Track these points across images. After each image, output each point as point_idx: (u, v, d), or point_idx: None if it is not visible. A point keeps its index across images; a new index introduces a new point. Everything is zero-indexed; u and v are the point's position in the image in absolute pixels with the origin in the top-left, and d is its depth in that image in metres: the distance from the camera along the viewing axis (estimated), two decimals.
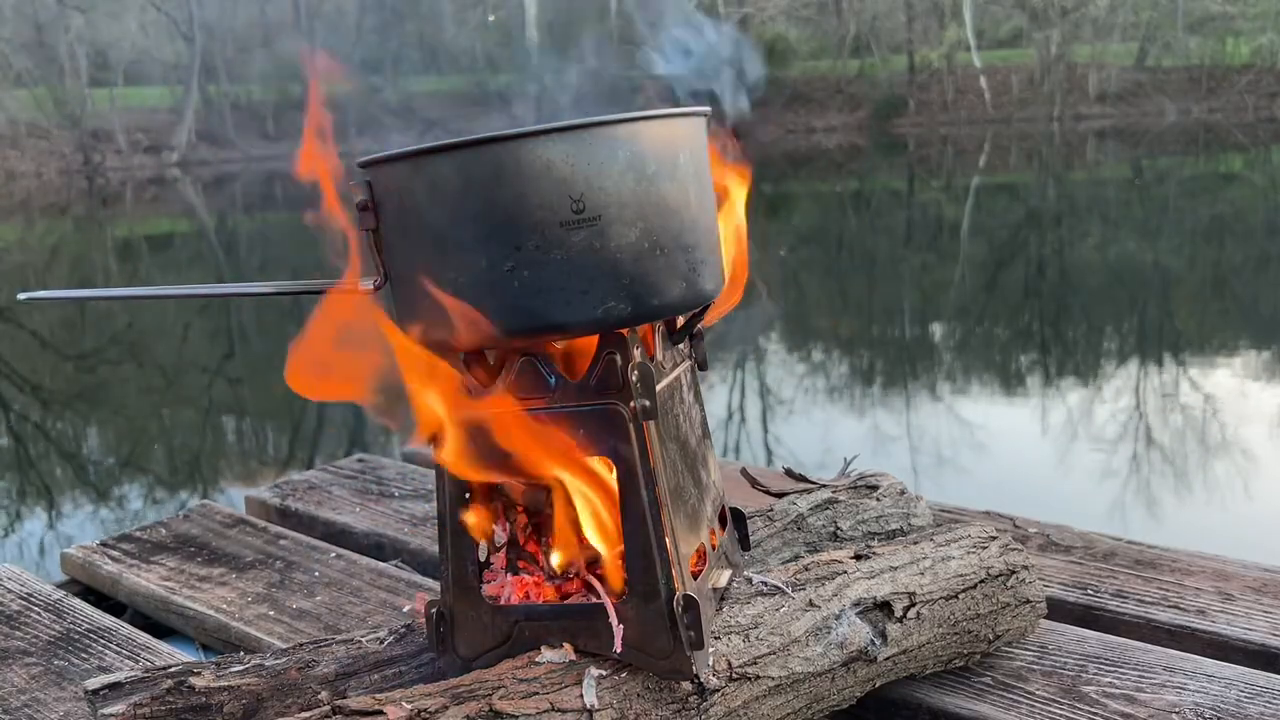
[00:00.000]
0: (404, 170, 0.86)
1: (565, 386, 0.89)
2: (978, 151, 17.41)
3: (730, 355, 4.87)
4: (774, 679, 0.94)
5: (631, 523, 0.89)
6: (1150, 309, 5.83)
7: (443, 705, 0.84)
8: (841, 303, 6.56)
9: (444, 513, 0.95)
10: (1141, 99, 22.17)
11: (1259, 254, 7.42)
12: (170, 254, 10.37)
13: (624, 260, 0.84)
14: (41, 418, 4.76)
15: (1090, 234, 8.43)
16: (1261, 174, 12.81)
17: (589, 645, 0.91)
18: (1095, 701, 1.07)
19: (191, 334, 6.44)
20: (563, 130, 0.82)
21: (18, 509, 3.47)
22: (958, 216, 10.17)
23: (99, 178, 18.71)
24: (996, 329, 5.62)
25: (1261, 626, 1.23)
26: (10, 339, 6.46)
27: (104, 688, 0.96)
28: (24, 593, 1.47)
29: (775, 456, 3.71)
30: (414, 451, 2.10)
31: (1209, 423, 3.64)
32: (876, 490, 1.28)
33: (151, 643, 1.32)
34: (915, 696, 1.10)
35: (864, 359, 5.19)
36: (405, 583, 1.45)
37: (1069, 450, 3.35)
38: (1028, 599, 1.12)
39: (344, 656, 0.99)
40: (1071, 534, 1.51)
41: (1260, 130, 17.74)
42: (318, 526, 1.73)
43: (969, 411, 3.90)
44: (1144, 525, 2.72)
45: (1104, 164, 15.01)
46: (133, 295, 1.15)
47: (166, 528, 1.71)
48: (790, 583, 1.00)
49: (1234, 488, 3.00)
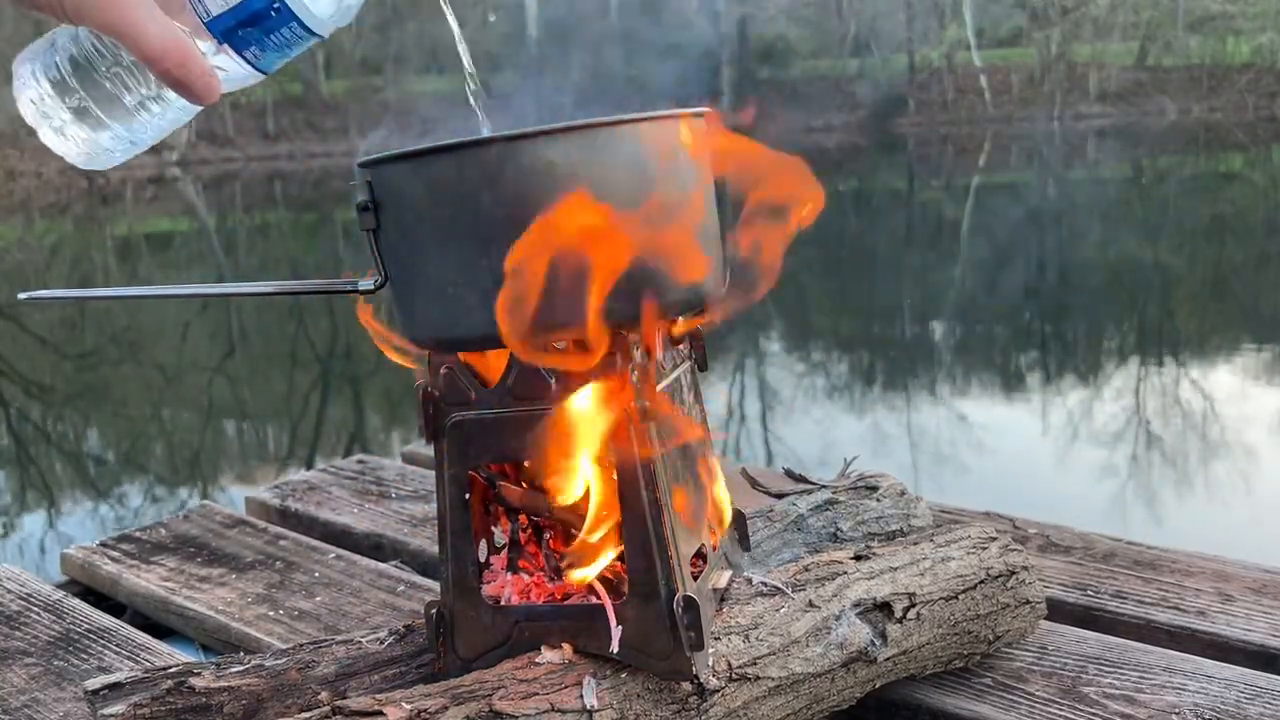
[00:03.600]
0: (404, 170, 0.86)
1: (566, 387, 0.89)
2: (978, 151, 17.41)
3: (730, 355, 4.87)
4: (774, 679, 0.94)
5: (631, 523, 0.89)
6: (1150, 308, 5.83)
7: (443, 705, 0.84)
8: (841, 302, 6.56)
9: (444, 513, 0.95)
10: (1142, 98, 22.17)
11: (1259, 253, 7.43)
12: (170, 254, 10.37)
13: (624, 261, 0.84)
14: (41, 417, 4.76)
15: (1090, 233, 8.44)
16: (1262, 173, 12.82)
17: (589, 645, 0.91)
18: (1095, 702, 1.07)
19: (191, 334, 6.45)
20: (564, 131, 0.82)
21: (18, 509, 3.48)
22: (958, 216, 10.17)
23: (99, 177, 18.71)
24: (996, 328, 5.62)
25: (1261, 627, 1.23)
26: (10, 338, 6.46)
27: (104, 688, 0.96)
28: (24, 593, 1.47)
29: (775, 456, 3.71)
30: (414, 452, 2.10)
31: (1209, 423, 3.64)
32: (876, 491, 1.28)
33: (151, 643, 1.32)
34: (915, 697, 1.10)
35: (864, 358, 5.19)
36: (405, 583, 1.45)
37: (1069, 450, 3.36)
38: (1027, 600, 1.12)
39: (344, 657, 0.99)
40: (1071, 535, 1.51)
41: (1260, 129, 17.75)
42: (317, 527, 1.73)
43: (969, 411, 3.90)
44: (1144, 526, 2.72)
45: (1104, 163, 15.01)
46: (133, 295, 1.15)
47: (166, 528, 1.71)
48: (790, 583, 1.00)
49: (1234, 488, 3.00)
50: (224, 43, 0.67)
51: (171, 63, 0.62)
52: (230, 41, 0.67)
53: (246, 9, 0.66)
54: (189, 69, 0.62)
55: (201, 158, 20.51)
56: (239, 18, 0.66)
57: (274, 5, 0.66)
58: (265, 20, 0.67)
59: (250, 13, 0.66)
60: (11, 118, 19.47)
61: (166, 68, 0.62)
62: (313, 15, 0.68)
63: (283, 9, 0.66)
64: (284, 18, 0.67)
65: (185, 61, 0.62)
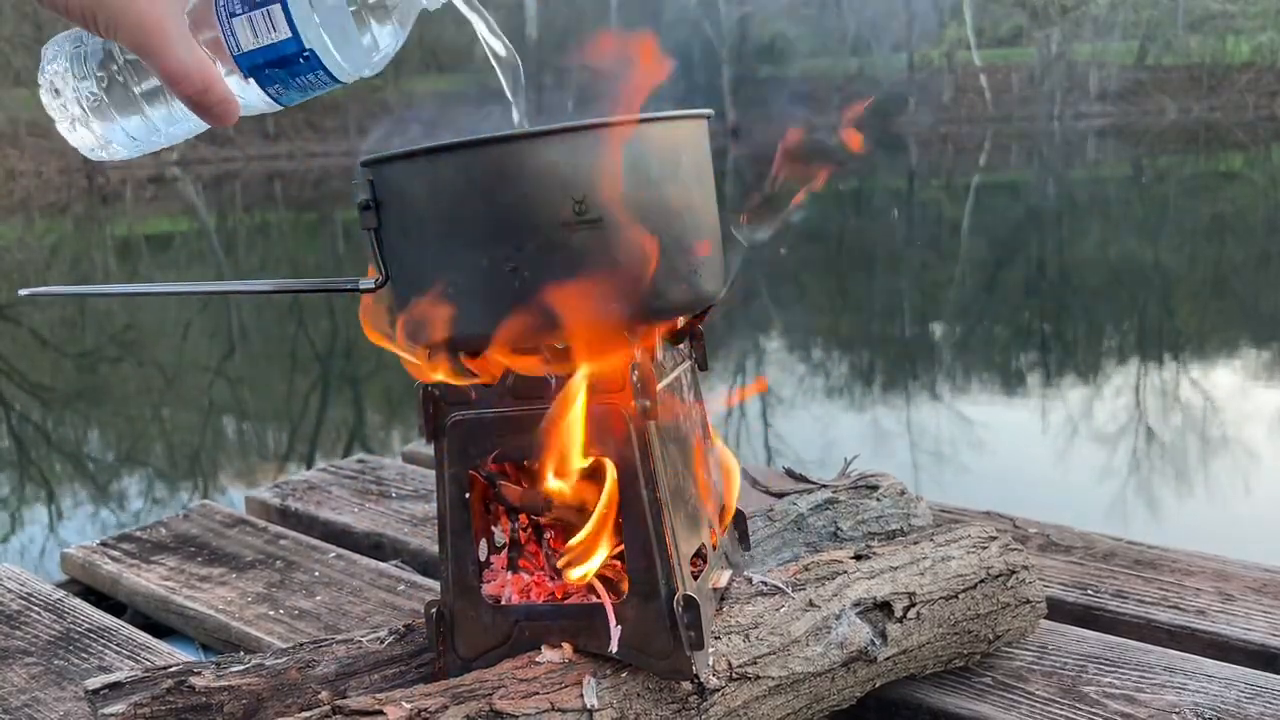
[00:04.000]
0: (406, 169, 0.86)
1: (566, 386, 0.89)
2: (978, 150, 17.41)
3: (731, 354, 4.87)
4: (774, 679, 0.94)
5: (631, 523, 0.89)
6: (1150, 308, 5.83)
7: (443, 705, 0.84)
8: (841, 301, 6.56)
9: (444, 513, 0.95)
10: (1142, 97, 22.18)
11: (1259, 252, 7.43)
12: (170, 253, 10.37)
13: (625, 262, 0.84)
14: (41, 417, 4.76)
15: (1090, 232, 8.44)
16: (1262, 172, 12.82)
17: (589, 645, 0.91)
18: (1095, 702, 1.07)
19: (191, 333, 6.45)
20: (566, 131, 0.82)
21: (18, 509, 3.48)
22: (958, 215, 10.17)
23: (99, 176, 18.71)
24: (996, 328, 5.62)
25: (1261, 626, 1.23)
26: (10, 338, 6.46)
27: (104, 687, 0.96)
28: (24, 592, 1.47)
29: (775, 455, 3.71)
30: (414, 451, 2.10)
31: (1209, 422, 3.64)
32: (877, 490, 1.28)
33: (151, 643, 1.32)
34: (915, 696, 1.10)
35: (864, 358, 5.19)
36: (405, 582, 1.45)
37: (1069, 450, 3.36)
38: (1028, 599, 1.12)
39: (344, 656, 0.99)
40: (1071, 534, 1.51)
41: (1260, 129, 17.75)
42: (318, 526, 1.73)
43: (969, 411, 3.90)
44: (1144, 525, 2.72)
45: (1104, 162, 15.01)
46: (133, 292, 1.15)
47: (166, 527, 1.71)
48: (790, 583, 1.00)
49: (1234, 488, 3.00)
50: (250, 77, 0.68)
51: (193, 89, 0.63)
52: (256, 77, 0.68)
53: (277, 52, 0.67)
54: (208, 96, 0.64)
55: (201, 157, 20.51)
56: (268, 58, 0.67)
57: (304, 53, 0.67)
58: (293, 65, 0.68)
59: (280, 56, 0.67)
60: (12, 118, 19.48)
61: (187, 93, 0.63)
62: (340, 66, 0.69)
63: (312, 58, 0.67)
64: (311, 65, 0.68)
65: (207, 89, 0.63)
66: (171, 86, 0.63)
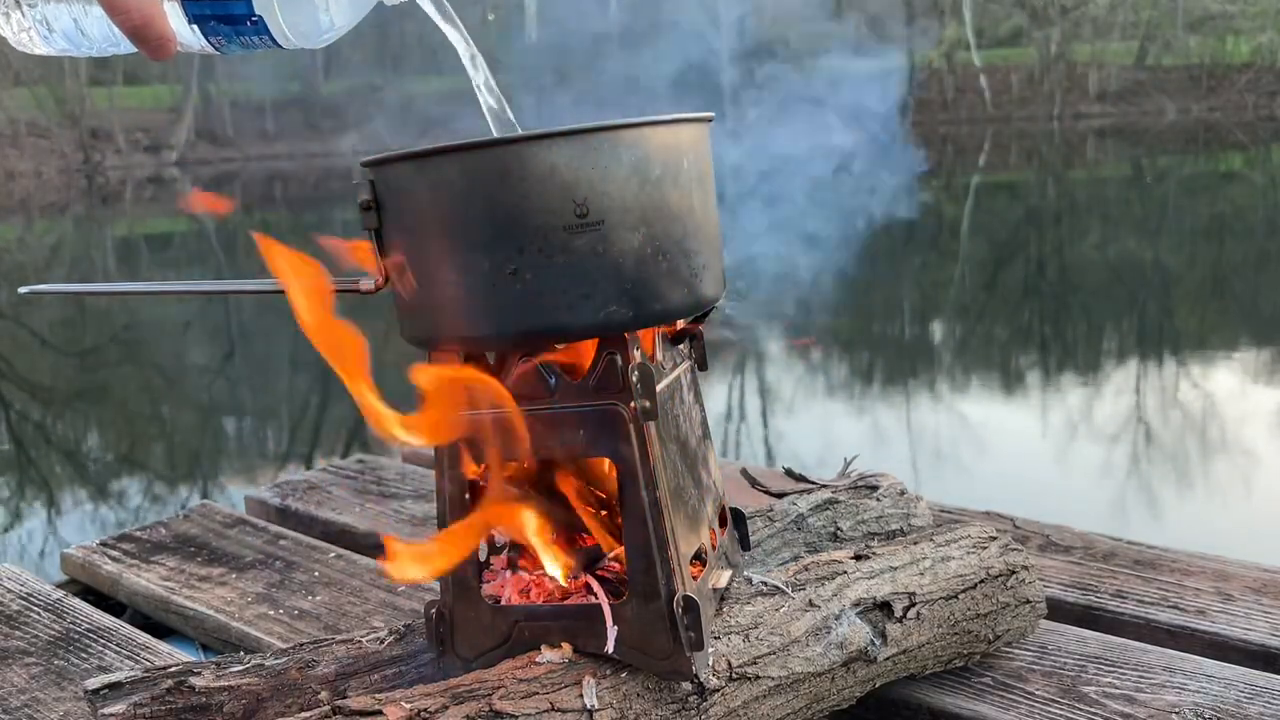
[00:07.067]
0: (408, 171, 0.86)
1: (565, 388, 0.89)
2: (977, 150, 17.40)
3: (730, 355, 4.87)
4: (774, 679, 0.94)
5: (631, 523, 0.89)
6: (1150, 308, 5.83)
7: (443, 705, 0.84)
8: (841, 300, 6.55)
9: (444, 513, 0.95)
10: (1141, 98, 22.18)
11: (1259, 252, 7.43)
12: (170, 253, 10.37)
13: (626, 264, 0.84)
14: (41, 417, 4.76)
15: (1090, 232, 8.44)
16: (1261, 172, 12.82)
17: (589, 645, 0.91)
18: (1095, 702, 1.07)
19: (191, 333, 6.44)
20: (567, 134, 0.82)
21: (18, 509, 3.47)
22: (957, 215, 10.17)
23: (98, 176, 18.71)
24: (996, 328, 5.62)
25: (1261, 627, 1.23)
26: (10, 337, 6.46)
27: (104, 688, 0.96)
28: (24, 593, 1.47)
29: (775, 456, 3.71)
30: (414, 451, 2.10)
31: (1209, 422, 3.64)
32: (876, 490, 1.28)
33: (151, 643, 1.32)
34: (915, 696, 1.10)
35: (864, 358, 5.19)
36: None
37: (1069, 450, 3.35)
38: (1028, 599, 1.12)
39: (344, 656, 0.99)
40: (1071, 534, 1.51)
41: (1260, 129, 17.76)
42: (318, 526, 1.73)
43: (969, 411, 3.90)
44: (1144, 525, 2.72)
45: (1104, 163, 15.01)
46: (133, 290, 1.16)
47: (166, 528, 1.71)
48: (790, 583, 1.00)
49: (1234, 488, 3.00)
50: (194, 23, 0.68)
51: (131, 24, 0.64)
52: (200, 25, 0.68)
53: (225, 9, 0.67)
54: (147, 30, 0.65)
55: (201, 157, 20.51)
56: (216, 13, 0.68)
57: (251, 17, 0.67)
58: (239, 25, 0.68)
59: (228, 14, 0.67)
60: (12, 118, 19.48)
61: (126, 25, 0.64)
62: (286, 36, 0.70)
63: (259, 23, 0.68)
64: (258, 29, 0.69)
65: (146, 24, 0.64)
66: (112, 16, 0.64)
